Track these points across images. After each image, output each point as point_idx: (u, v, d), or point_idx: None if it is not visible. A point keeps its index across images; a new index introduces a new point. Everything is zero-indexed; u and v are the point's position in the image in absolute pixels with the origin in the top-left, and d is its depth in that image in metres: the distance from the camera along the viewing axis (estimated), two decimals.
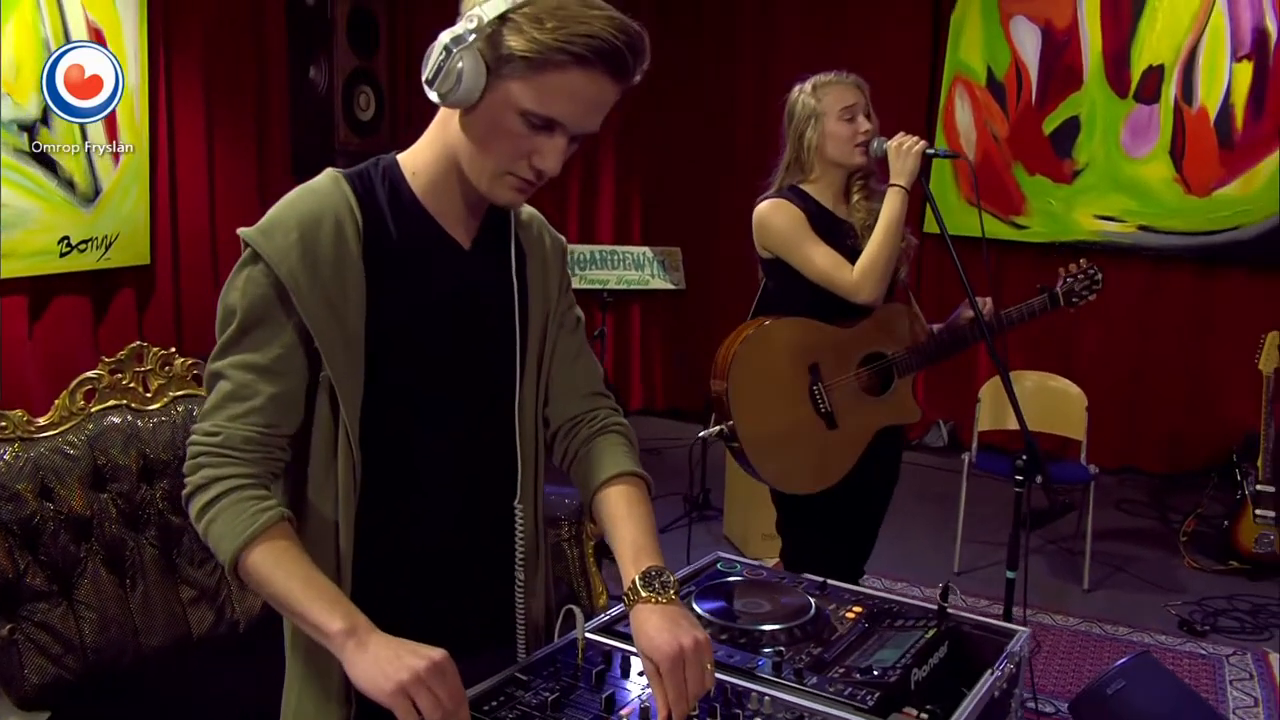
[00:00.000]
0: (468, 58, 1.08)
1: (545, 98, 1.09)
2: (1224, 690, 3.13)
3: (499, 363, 1.28)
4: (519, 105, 1.09)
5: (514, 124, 1.11)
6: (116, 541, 2.12)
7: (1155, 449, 5.21)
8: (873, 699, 1.10)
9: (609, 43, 1.07)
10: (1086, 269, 2.40)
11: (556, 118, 1.10)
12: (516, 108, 1.10)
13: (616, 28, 1.08)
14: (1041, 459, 2.08)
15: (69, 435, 2.12)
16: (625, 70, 1.11)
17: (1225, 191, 4.89)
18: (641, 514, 1.25)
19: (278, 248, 1.12)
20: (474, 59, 1.08)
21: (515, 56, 1.07)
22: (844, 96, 2.25)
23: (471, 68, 1.08)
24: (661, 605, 1.11)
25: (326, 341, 1.13)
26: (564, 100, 1.09)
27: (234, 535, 1.07)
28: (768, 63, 5.87)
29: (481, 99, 1.10)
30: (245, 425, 1.12)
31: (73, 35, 3.53)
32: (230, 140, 4.30)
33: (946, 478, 4.74)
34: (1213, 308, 5.04)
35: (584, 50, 1.06)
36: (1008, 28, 5.23)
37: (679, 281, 6.14)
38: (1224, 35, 4.83)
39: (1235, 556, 4.03)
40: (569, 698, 1.10)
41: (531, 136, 1.12)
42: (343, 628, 1.02)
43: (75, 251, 3.59)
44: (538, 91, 1.08)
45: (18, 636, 1.95)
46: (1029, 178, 5.27)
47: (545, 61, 1.07)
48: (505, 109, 1.10)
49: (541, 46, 1.06)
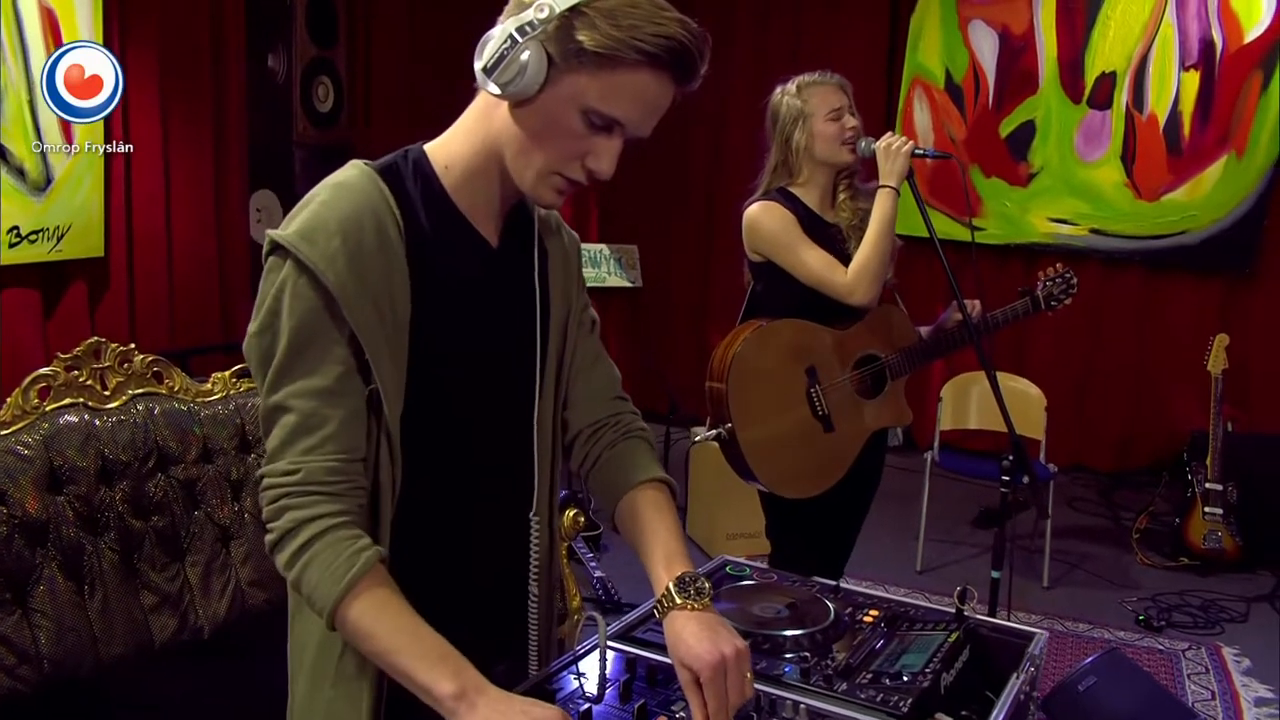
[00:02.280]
0: (533, 48, 1.03)
1: (612, 96, 1.05)
2: (1183, 684, 3.20)
3: (520, 368, 1.23)
4: (583, 102, 1.05)
5: (574, 122, 1.06)
6: (74, 546, 2.02)
7: (1105, 448, 5.32)
8: (906, 705, 1.08)
9: (682, 44, 1.04)
10: (1064, 273, 2.44)
11: (619, 118, 1.06)
12: (580, 105, 1.05)
13: (688, 30, 1.04)
14: (1029, 459, 2.10)
15: (22, 435, 2.01)
16: (692, 74, 1.08)
17: (1173, 196, 5.02)
18: (672, 520, 1.22)
19: (323, 254, 1.03)
20: (539, 50, 1.03)
21: (586, 51, 1.02)
22: (830, 98, 2.25)
23: (536, 59, 1.03)
24: (698, 612, 1.08)
25: (376, 351, 1.06)
26: (630, 100, 1.06)
27: (331, 584, 1.01)
28: (724, 62, 5.86)
29: (540, 92, 1.05)
30: (323, 457, 1.04)
31: (24, 19, 3.40)
32: (187, 129, 4.19)
33: (904, 477, 4.76)
34: (1162, 310, 5.16)
35: (658, 50, 1.03)
36: (966, 31, 5.30)
37: (636, 279, 6.11)
38: (1173, 45, 4.96)
39: (1185, 553, 4.14)
40: (598, 708, 1.06)
41: (590, 136, 1.07)
42: (452, 690, 0.96)
43: (25, 242, 3.46)
44: (605, 89, 1.04)
45: None
46: (985, 180, 5.35)
47: (618, 59, 1.02)
48: (567, 105, 1.05)
49: (616, 43, 1.02)
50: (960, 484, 4.14)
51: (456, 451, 1.18)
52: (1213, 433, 4.08)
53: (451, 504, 1.19)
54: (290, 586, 1.05)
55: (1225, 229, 4.93)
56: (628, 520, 1.25)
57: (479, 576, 1.24)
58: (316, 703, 1.14)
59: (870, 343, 2.29)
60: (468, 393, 1.18)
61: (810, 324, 2.24)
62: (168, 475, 2.18)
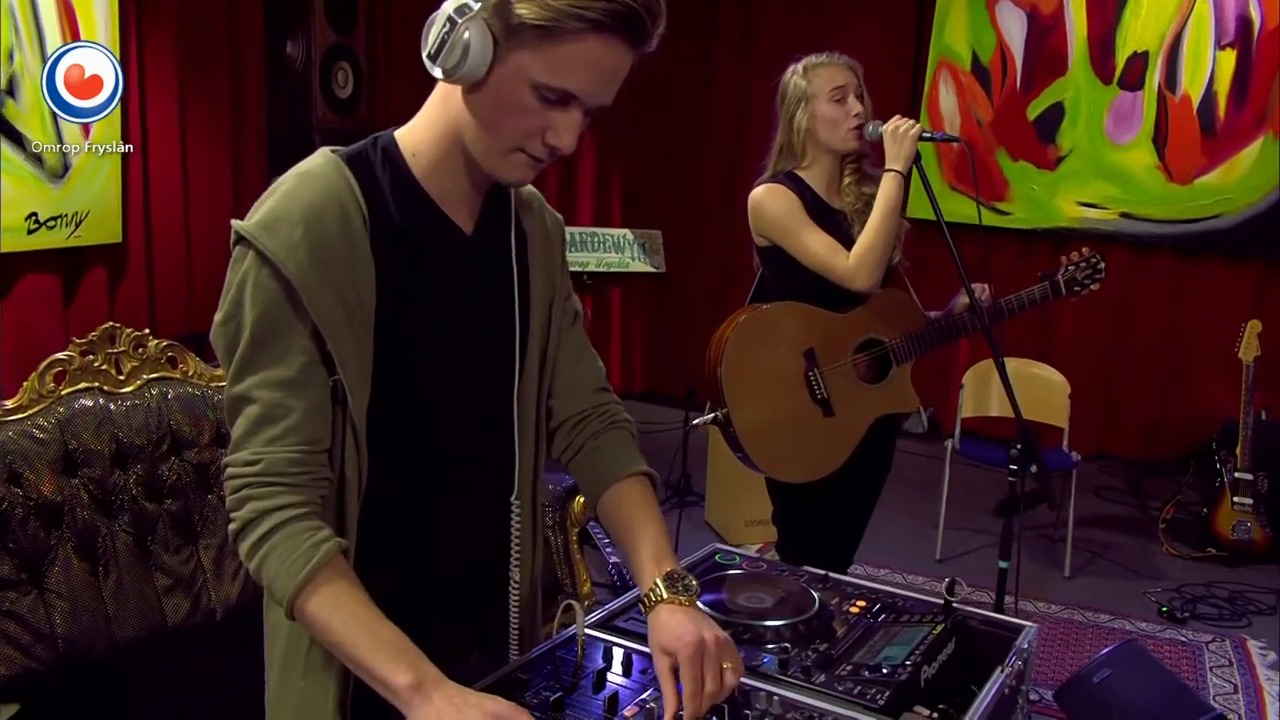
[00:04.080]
0: (474, 29, 1.00)
1: (560, 69, 1.01)
2: (1204, 677, 3.15)
3: (499, 353, 1.22)
4: (531, 78, 1.02)
5: (526, 98, 1.03)
6: (88, 528, 2.06)
7: (1133, 436, 5.24)
8: (883, 698, 1.07)
9: (627, 6, 0.99)
10: (1089, 256, 2.32)
11: (572, 90, 1.03)
12: (528, 81, 1.02)
13: None
14: (1037, 448, 2.06)
15: (38, 419, 2.06)
16: (644, 36, 1.04)
17: (1207, 180, 4.90)
18: (659, 516, 1.23)
19: (284, 245, 1.02)
20: (481, 30, 1.00)
21: (527, 25, 0.99)
22: (834, 77, 2.21)
23: (479, 40, 1.00)
24: (685, 607, 1.09)
25: (339, 342, 1.05)
26: (580, 71, 1.02)
27: (290, 575, 1.01)
28: (749, 45, 5.81)
29: (489, 74, 1.03)
30: (285, 447, 1.04)
31: (41, 11, 3.42)
32: (205, 117, 4.20)
33: (927, 464, 4.73)
34: (1193, 296, 5.06)
35: (601, 15, 0.99)
36: (993, 12, 5.21)
37: (659, 265, 6.09)
38: (1208, 23, 4.83)
39: (1213, 544, 4.07)
40: (570, 698, 1.06)
41: (545, 111, 1.04)
42: (408, 682, 0.96)
43: (44, 229, 3.49)
44: (551, 62, 1.01)
45: None
46: (1012, 163, 5.26)
47: (560, 29, 0.99)
48: (516, 83, 1.03)
49: (555, 13, 0.98)
50: (982, 472, 4.08)
51: (427, 438, 1.18)
52: (1243, 421, 4.00)
53: (423, 491, 1.19)
54: (254, 577, 1.05)
55: (1261, 213, 4.81)
56: (613, 513, 1.25)
57: (454, 565, 1.23)
58: (288, 693, 1.15)
59: (874, 327, 2.26)
60: (439, 379, 1.17)
61: (810, 307, 2.22)
62: (181, 459, 2.21)
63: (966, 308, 2.26)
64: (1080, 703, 2.63)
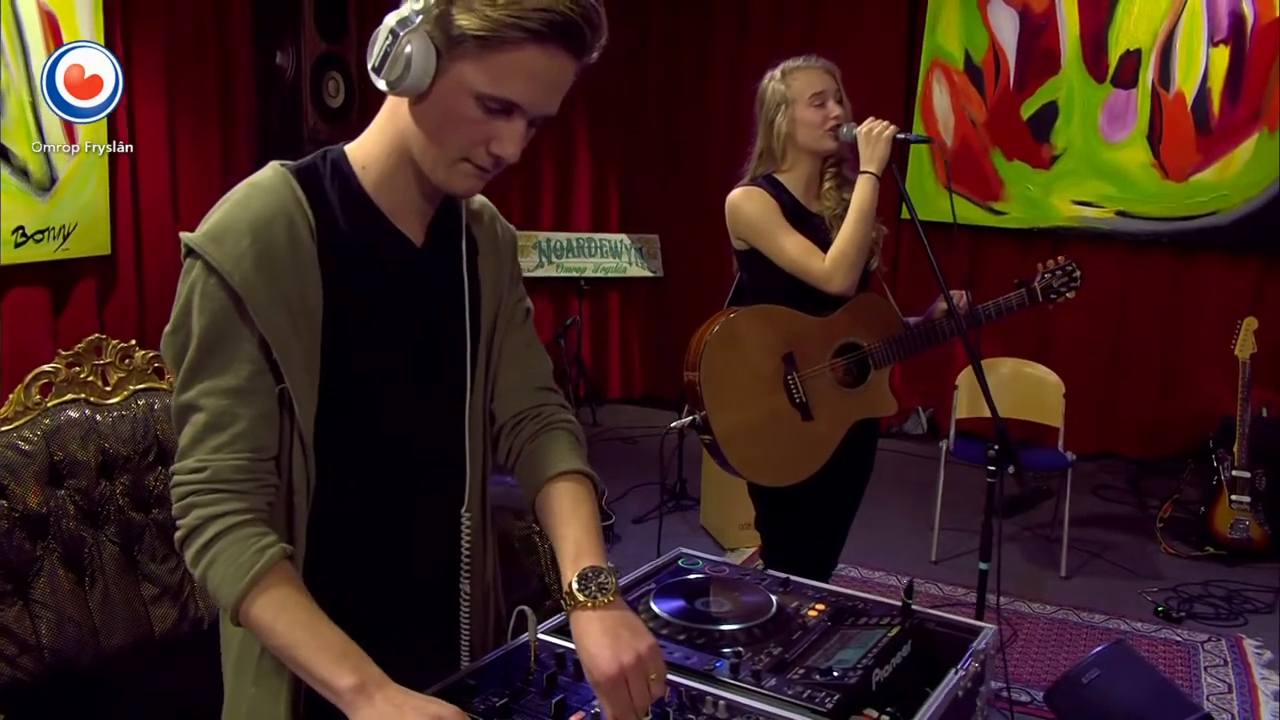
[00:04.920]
0: (416, 41, 1.02)
1: (501, 79, 1.03)
2: (1198, 677, 3.14)
3: (449, 364, 1.22)
4: (473, 88, 1.03)
5: (469, 109, 1.05)
6: (74, 539, 2.08)
7: (1133, 434, 5.22)
8: (831, 701, 1.07)
9: (565, 16, 1.01)
10: (1065, 265, 2.34)
11: (514, 100, 1.04)
12: (471, 91, 1.03)
13: (572, 0, 1.02)
14: (1013, 448, 2.06)
15: (24, 430, 2.07)
16: (583, 45, 1.05)
17: (1202, 176, 4.89)
18: (586, 513, 1.18)
19: (230, 255, 1.04)
20: (423, 42, 1.02)
21: (467, 36, 1.01)
22: (813, 82, 2.22)
23: (420, 52, 1.02)
24: (601, 611, 1.05)
25: (285, 352, 1.07)
26: (521, 81, 1.03)
27: (233, 581, 1.01)
28: (743, 48, 5.82)
29: (433, 85, 1.04)
30: (231, 455, 1.04)
31: (23, 20, 3.43)
32: (194, 126, 4.19)
33: (924, 465, 4.73)
34: (1189, 293, 5.05)
35: (540, 25, 1.00)
36: (985, 12, 5.21)
37: (657, 269, 6.11)
38: (1201, 19, 4.82)
39: (1211, 542, 4.05)
40: (518, 703, 1.06)
41: (489, 121, 1.06)
42: (350, 684, 0.96)
43: (31, 241, 3.49)
44: (492, 72, 1.02)
45: None
46: (1007, 163, 5.26)
47: (499, 40, 1.01)
48: (459, 94, 1.04)
49: (494, 24, 1.00)
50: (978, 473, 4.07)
51: (377, 448, 1.18)
52: (1240, 418, 3.98)
53: (374, 500, 1.20)
54: (198, 583, 1.06)
55: (1258, 209, 4.80)
56: (542, 516, 1.22)
57: (406, 574, 1.24)
58: (240, 699, 1.16)
59: (853, 331, 2.26)
60: (388, 390, 1.18)
61: (789, 310, 2.22)
62: (168, 469, 2.21)
63: (945, 313, 2.27)
64: (1069, 703, 2.63)
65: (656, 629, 1.23)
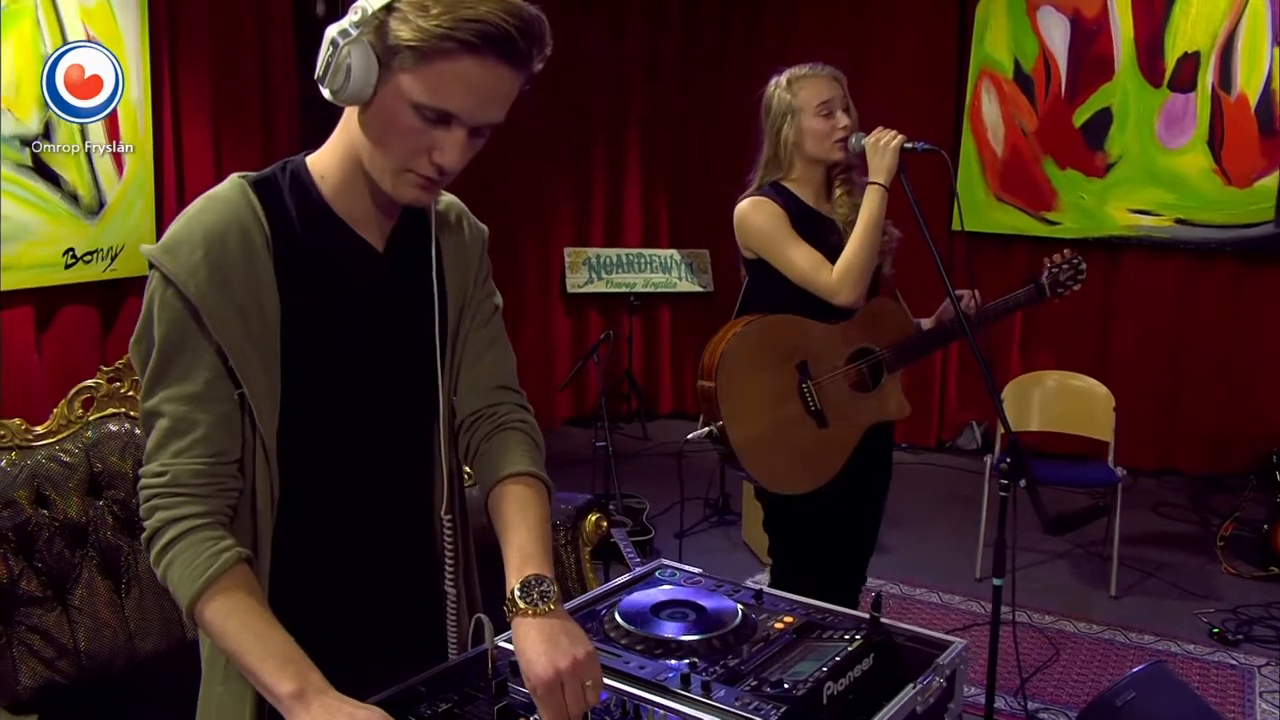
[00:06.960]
0: (356, 51, 1.04)
1: (436, 89, 1.04)
2: (1252, 702, 3.00)
3: (417, 368, 1.24)
4: (410, 98, 1.05)
5: (408, 118, 1.06)
6: (111, 548, 2.16)
7: (1195, 449, 5.04)
8: (778, 714, 1.07)
9: (498, 28, 1.02)
10: (1070, 258, 2.34)
11: (450, 109, 1.05)
12: (409, 101, 1.05)
13: (507, 11, 1.02)
14: (1027, 461, 2.02)
15: (66, 443, 2.17)
16: (520, 56, 1.05)
17: (1266, 182, 4.71)
18: (533, 518, 1.17)
19: (184, 266, 1.08)
20: (363, 52, 1.04)
21: (403, 47, 1.03)
22: (820, 90, 2.21)
23: (361, 62, 1.04)
24: (540, 619, 1.06)
25: (241, 360, 1.10)
26: (457, 91, 1.04)
27: (189, 582, 1.04)
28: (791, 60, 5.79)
29: (375, 95, 1.06)
30: (191, 459, 1.08)
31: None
32: (237, 152, 4.28)
33: (974, 480, 4.63)
34: (1252, 303, 4.86)
35: (471, 36, 1.01)
36: (1034, 19, 5.11)
37: (708, 284, 6.11)
38: (1264, 19, 4.66)
39: (1275, 561, 3.88)
40: (466, 708, 1.09)
41: (428, 131, 1.07)
42: (291, 690, 0.99)
43: (80, 263, 3.61)
44: (428, 83, 1.04)
45: (11, 641, 2.00)
46: (1060, 172, 5.14)
47: (433, 50, 1.02)
48: (398, 103, 1.06)
49: (428, 35, 1.01)
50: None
51: (342, 452, 1.21)
52: None
53: (342, 504, 1.22)
54: (160, 582, 1.10)
55: None
56: (493, 516, 1.21)
57: (377, 577, 1.25)
58: (211, 697, 1.20)
59: (865, 336, 2.25)
60: (351, 395, 1.20)
61: (801, 319, 2.21)
62: None
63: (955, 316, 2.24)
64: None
65: (617, 638, 1.24)
